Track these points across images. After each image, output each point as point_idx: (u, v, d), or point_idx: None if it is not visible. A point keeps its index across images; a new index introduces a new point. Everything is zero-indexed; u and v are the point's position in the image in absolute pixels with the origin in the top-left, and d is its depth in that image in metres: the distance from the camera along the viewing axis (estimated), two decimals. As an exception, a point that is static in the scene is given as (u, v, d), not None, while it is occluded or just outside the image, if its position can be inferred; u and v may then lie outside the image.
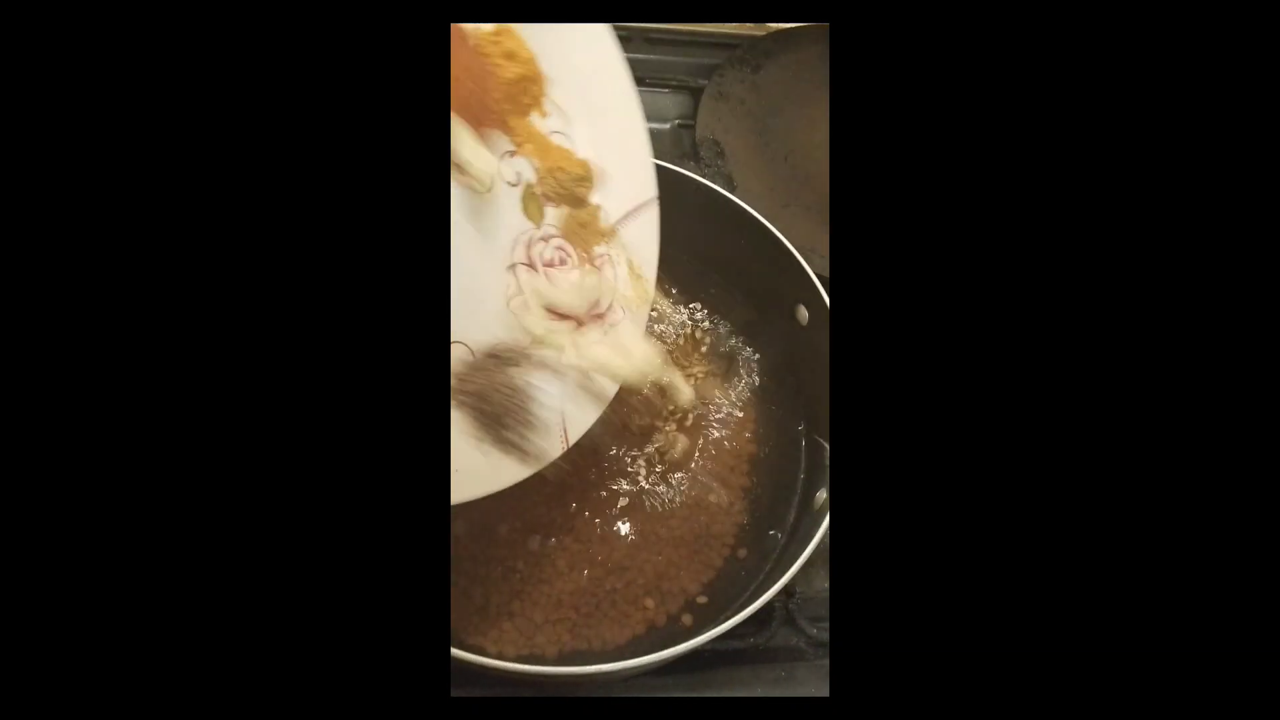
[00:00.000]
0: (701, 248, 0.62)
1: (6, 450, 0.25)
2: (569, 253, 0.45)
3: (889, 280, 0.29)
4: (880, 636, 0.28)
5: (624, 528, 0.54)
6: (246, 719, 0.26)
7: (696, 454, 0.57)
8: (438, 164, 0.30)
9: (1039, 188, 0.28)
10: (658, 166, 0.47)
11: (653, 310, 0.49)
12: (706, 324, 0.63)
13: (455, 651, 0.42)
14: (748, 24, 0.88)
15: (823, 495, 0.54)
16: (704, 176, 0.60)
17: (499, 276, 0.43)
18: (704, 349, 0.62)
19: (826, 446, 0.55)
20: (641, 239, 0.48)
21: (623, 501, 0.55)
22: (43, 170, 0.25)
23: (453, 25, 0.37)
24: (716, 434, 0.59)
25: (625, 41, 0.58)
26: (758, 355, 0.63)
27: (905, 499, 0.28)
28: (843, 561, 0.29)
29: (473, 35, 0.39)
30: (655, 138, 0.47)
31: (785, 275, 0.57)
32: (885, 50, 0.29)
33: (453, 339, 0.41)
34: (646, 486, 0.56)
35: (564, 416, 0.45)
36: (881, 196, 0.29)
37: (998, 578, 0.28)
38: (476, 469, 0.41)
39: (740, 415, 0.60)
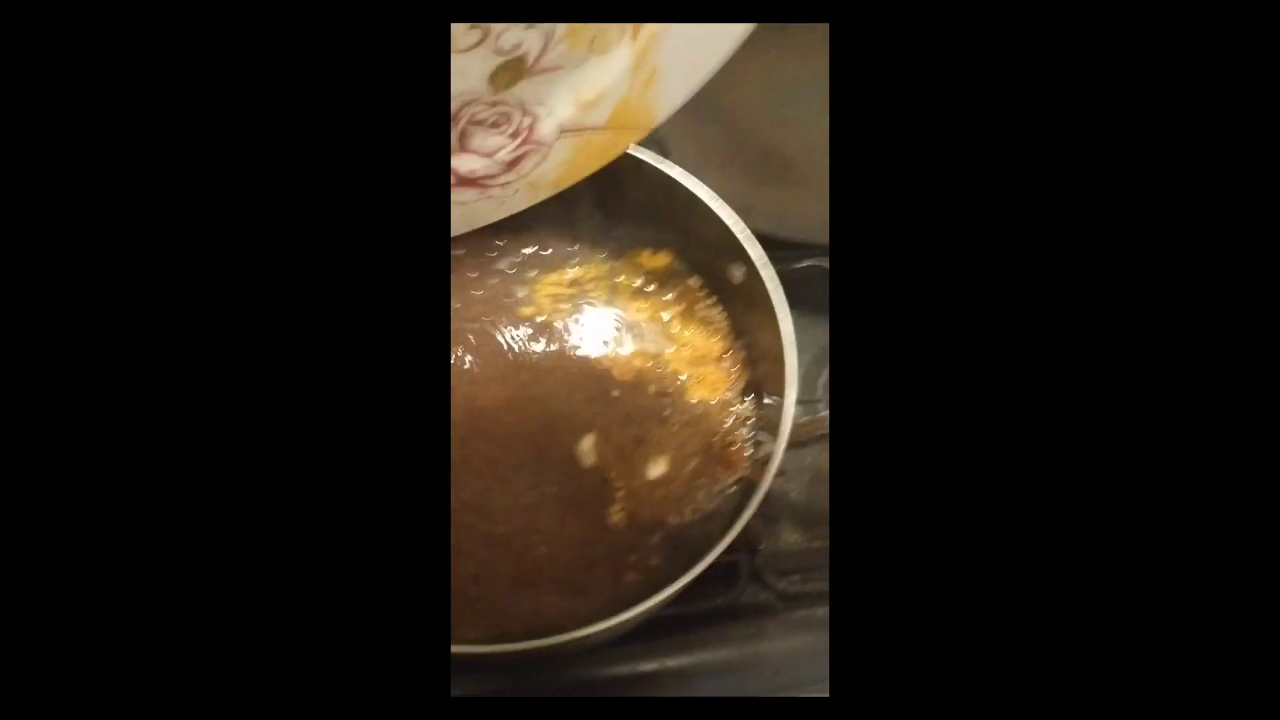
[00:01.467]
0: (637, 217, 0.62)
1: (7, 451, 0.26)
2: (510, 124, 0.41)
3: (889, 267, 0.29)
4: (882, 633, 0.28)
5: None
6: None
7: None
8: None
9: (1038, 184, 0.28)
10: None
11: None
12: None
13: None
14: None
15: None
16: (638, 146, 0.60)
17: None
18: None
19: (778, 401, 0.55)
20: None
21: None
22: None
23: None
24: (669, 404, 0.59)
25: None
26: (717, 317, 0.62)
27: (909, 496, 0.28)
28: (843, 559, 0.29)
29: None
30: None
31: (714, 236, 0.57)
32: (885, 47, 0.29)
33: None
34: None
35: None
36: (880, 190, 0.29)
37: (998, 574, 0.28)
38: None
39: (699, 376, 0.60)
